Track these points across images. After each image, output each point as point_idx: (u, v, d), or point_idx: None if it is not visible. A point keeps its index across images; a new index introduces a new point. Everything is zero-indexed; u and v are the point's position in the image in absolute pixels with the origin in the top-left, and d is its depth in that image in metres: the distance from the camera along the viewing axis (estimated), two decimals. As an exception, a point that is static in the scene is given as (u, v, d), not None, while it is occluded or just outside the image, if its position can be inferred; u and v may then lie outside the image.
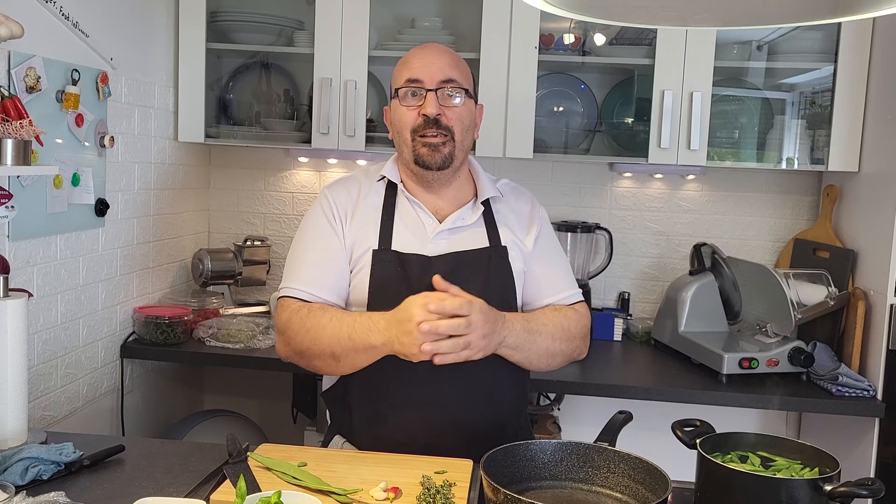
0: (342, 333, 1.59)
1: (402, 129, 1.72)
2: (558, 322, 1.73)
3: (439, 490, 1.36)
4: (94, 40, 2.24)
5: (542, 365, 1.72)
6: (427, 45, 1.78)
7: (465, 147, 1.74)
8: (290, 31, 2.86)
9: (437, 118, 1.68)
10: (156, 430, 2.79)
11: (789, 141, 2.81)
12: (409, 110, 1.71)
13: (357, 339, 1.57)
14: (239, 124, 3.03)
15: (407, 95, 1.71)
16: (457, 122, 1.71)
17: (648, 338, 2.90)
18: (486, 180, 1.82)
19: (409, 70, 1.71)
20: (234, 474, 1.40)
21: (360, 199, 1.76)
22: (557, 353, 1.72)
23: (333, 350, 1.60)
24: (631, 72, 2.91)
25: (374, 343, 1.55)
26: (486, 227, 1.76)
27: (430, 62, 1.70)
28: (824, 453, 1.36)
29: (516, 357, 1.66)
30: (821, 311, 2.56)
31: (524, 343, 1.65)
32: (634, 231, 3.09)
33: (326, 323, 1.62)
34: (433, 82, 1.69)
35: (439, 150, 1.69)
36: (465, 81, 1.73)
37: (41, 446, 1.48)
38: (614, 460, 1.39)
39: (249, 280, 3.03)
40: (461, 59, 1.78)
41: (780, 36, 2.76)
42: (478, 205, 1.77)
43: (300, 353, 1.67)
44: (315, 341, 1.62)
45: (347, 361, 1.61)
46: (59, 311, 2.18)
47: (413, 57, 1.74)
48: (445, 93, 1.70)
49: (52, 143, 2.07)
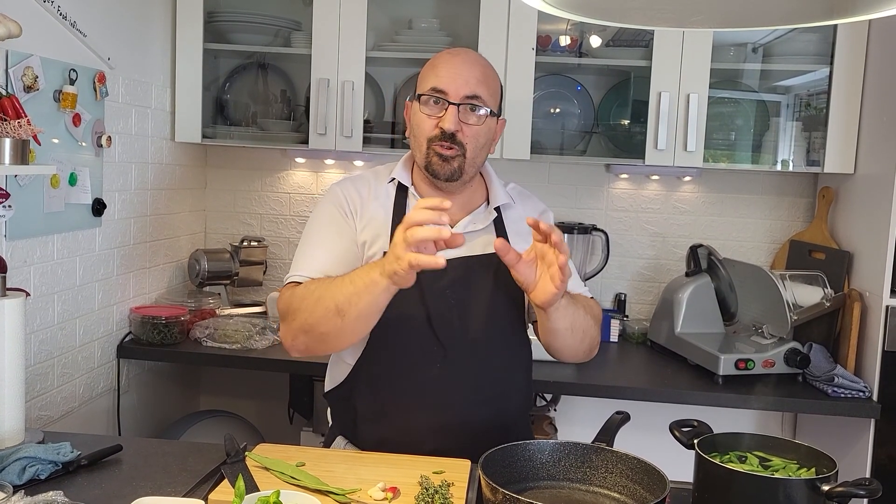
0: (344, 282, 1.53)
1: (419, 135, 1.69)
2: (583, 301, 1.72)
3: (437, 490, 1.36)
4: (91, 40, 2.24)
5: (577, 339, 1.66)
6: (459, 52, 1.71)
7: (476, 163, 1.71)
8: (287, 31, 2.87)
9: (454, 133, 1.65)
10: (152, 431, 2.78)
11: (785, 143, 2.82)
12: (430, 118, 1.66)
13: (358, 280, 1.51)
14: (236, 125, 3.03)
15: (429, 102, 1.66)
16: (472, 140, 1.66)
17: (645, 339, 2.91)
18: (499, 186, 1.80)
19: (436, 78, 1.66)
20: (232, 474, 1.40)
21: (371, 199, 1.74)
22: (589, 329, 1.69)
23: (337, 303, 1.52)
24: (627, 73, 2.92)
25: (372, 276, 1.48)
26: (497, 232, 1.75)
27: (458, 73, 1.65)
28: (821, 453, 1.37)
29: (565, 322, 1.60)
30: (817, 313, 2.57)
31: (570, 307, 1.60)
32: (631, 232, 3.10)
33: (330, 283, 1.57)
34: (457, 96, 1.64)
35: (449, 163, 1.66)
36: (490, 98, 1.68)
37: (38, 446, 1.48)
38: (612, 460, 1.40)
39: (246, 281, 3.02)
40: (492, 70, 1.72)
41: (777, 38, 2.78)
42: (489, 210, 1.76)
43: (304, 326, 1.59)
44: (319, 301, 1.55)
45: (352, 312, 1.51)
46: (55, 310, 2.18)
47: (442, 64, 1.68)
48: (467, 109, 1.65)
49: (49, 143, 2.07)
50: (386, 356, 1.65)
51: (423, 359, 1.64)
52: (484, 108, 1.67)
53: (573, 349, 1.70)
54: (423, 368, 1.64)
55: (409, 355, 1.64)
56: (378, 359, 1.66)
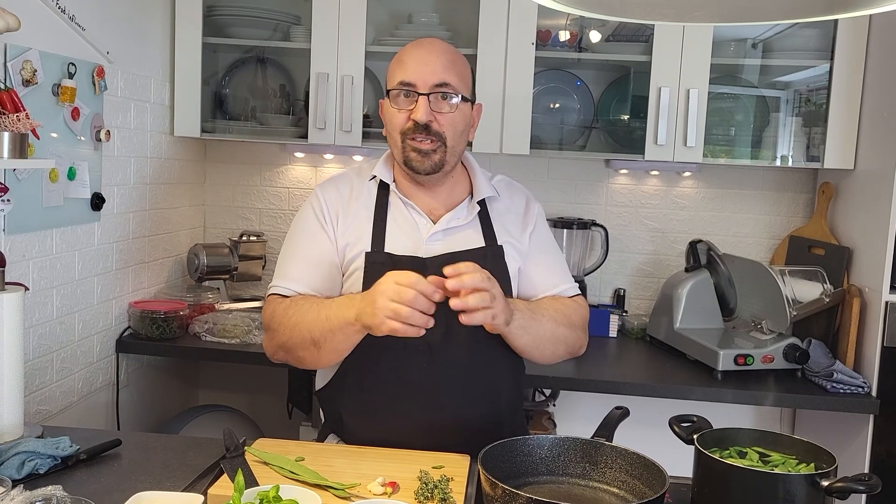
0: (320, 315, 1.56)
1: (393, 131, 1.68)
2: (558, 307, 1.72)
3: (437, 485, 1.36)
4: (90, 34, 2.23)
5: (547, 352, 1.69)
6: (423, 43, 1.70)
7: (457, 152, 1.70)
8: (286, 25, 2.86)
9: (428, 124, 1.63)
10: (151, 426, 2.78)
11: (785, 138, 2.82)
12: (400, 112, 1.65)
13: (333, 318, 1.54)
14: (235, 119, 3.02)
15: (399, 97, 1.66)
16: (449, 128, 1.65)
17: (643, 334, 2.91)
18: (483, 178, 1.78)
19: (403, 71, 1.65)
20: (231, 469, 1.40)
21: (352, 199, 1.74)
22: (561, 338, 1.70)
23: (313, 334, 1.57)
24: (627, 69, 2.91)
25: (348, 318, 1.51)
26: (482, 226, 1.73)
27: (425, 63, 1.64)
28: (820, 449, 1.37)
29: (524, 340, 1.63)
30: (816, 308, 2.57)
31: (530, 325, 1.62)
32: (630, 228, 3.10)
33: (307, 309, 1.60)
34: (426, 86, 1.63)
35: (430, 157, 1.65)
36: (460, 84, 1.66)
37: (38, 440, 1.48)
38: (612, 456, 1.40)
39: (245, 275, 3.02)
40: (459, 55, 1.71)
41: (777, 33, 2.77)
42: (473, 204, 1.74)
43: (284, 347, 1.64)
44: (296, 328, 1.60)
45: (327, 346, 1.57)
46: (54, 305, 2.18)
47: (407, 56, 1.67)
48: (439, 97, 1.64)
49: (47, 137, 2.06)
50: (373, 357, 1.64)
51: (410, 359, 1.63)
52: (455, 96, 1.65)
53: (546, 359, 1.73)
54: (411, 369, 1.63)
55: (395, 356, 1.63)
56: (365, 359, 1.65)
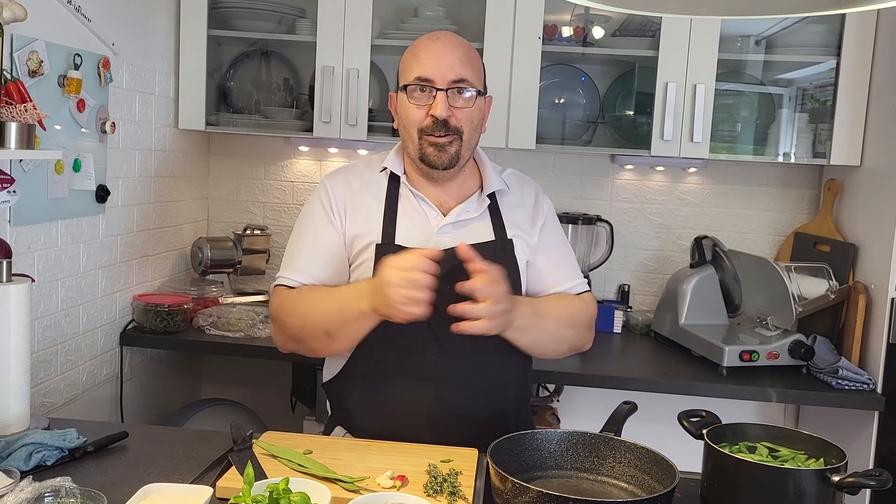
0: (332, 307, 1.57)
1: (410, 127, 1.67)
2: (564, 307, 1.72)
3: (446, 478, 1.36)
4: (95, 25, 2.22)
5: (548, 351, 1.71)
6: (438, 37, 1.69)
7: (472, 145, 1.71)
8: (291, 18, 2.85)
9: (447, 119, 1.63)
10: (154, 419, 2.78)
11: (791, 135, 2.81)
12: (419, 108, 1.65)
13: (347, 310, 1.55)
14: (239, 112, 3.01)
15: (416, 92, 1.65)
16: (466, 122, 1.66)
17: (648, 330, 2.90)
18: (493, 172, 1.78)
19: (419, 66, 1.64)
20: (239, 461, 1.40)
21: (362, 191, 1.74)
22: (564, 339, 1.71)
23: (326, 326, 1.57)
24: (633, 64, 2.91)
25: (363, 310, 1.52)
26: (492, 219, 1.73)
27: (442, 59, 1.63)
28: (829, 444, 1.37)
29: (523, 341, 1.63)
30: (821, 305, 2.56)
31: (531, 326, 1.62)
32: (635, 223, 3.09)
33: (317, 299, 1.60)
34: (444, 82, 1.63)
35: (446, 150, 1.65)
36: (476, 78, 1.67)
37: (45, 432, 1.47)
38: (620, 450, 1.40)
39: (249, 269, 3.02)
40: (472, 49, 1.71)
41: (783, 29, 2.76)
42: (483, 197, 1.74)
43: (295, 338, 1.64)
44: (307, 319, 1.60)
45: (342, 335, 1.58)
46: (59, 297, 2.17)
47: (423, 51, 1.66)
48: (455, 92, 1.64)
49: (52, 129, 2.06)
50: (381, 349, 1.64)
51: (419, 351, 1.63)
52: (471, 90, 1.66)
53: (546, 356, 1.75)
54: (419, 361, 1.63)
55: (404, 348, 1.63)
56: (374, 352, 1.65)
